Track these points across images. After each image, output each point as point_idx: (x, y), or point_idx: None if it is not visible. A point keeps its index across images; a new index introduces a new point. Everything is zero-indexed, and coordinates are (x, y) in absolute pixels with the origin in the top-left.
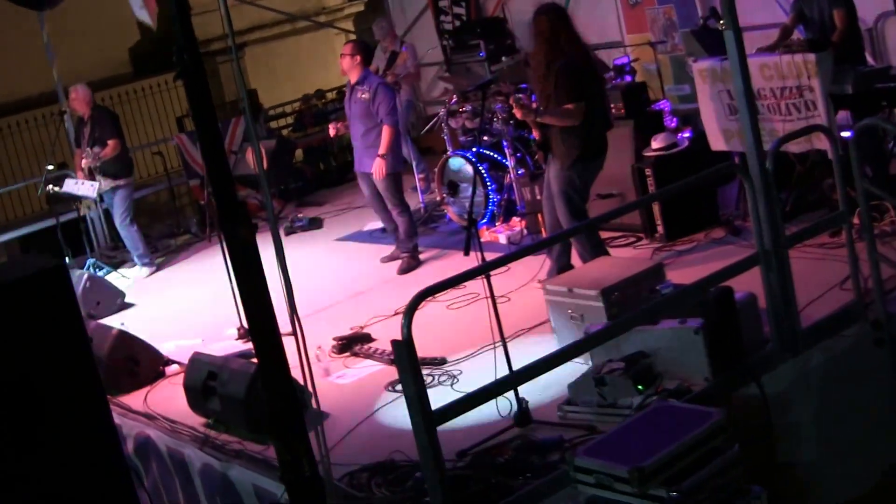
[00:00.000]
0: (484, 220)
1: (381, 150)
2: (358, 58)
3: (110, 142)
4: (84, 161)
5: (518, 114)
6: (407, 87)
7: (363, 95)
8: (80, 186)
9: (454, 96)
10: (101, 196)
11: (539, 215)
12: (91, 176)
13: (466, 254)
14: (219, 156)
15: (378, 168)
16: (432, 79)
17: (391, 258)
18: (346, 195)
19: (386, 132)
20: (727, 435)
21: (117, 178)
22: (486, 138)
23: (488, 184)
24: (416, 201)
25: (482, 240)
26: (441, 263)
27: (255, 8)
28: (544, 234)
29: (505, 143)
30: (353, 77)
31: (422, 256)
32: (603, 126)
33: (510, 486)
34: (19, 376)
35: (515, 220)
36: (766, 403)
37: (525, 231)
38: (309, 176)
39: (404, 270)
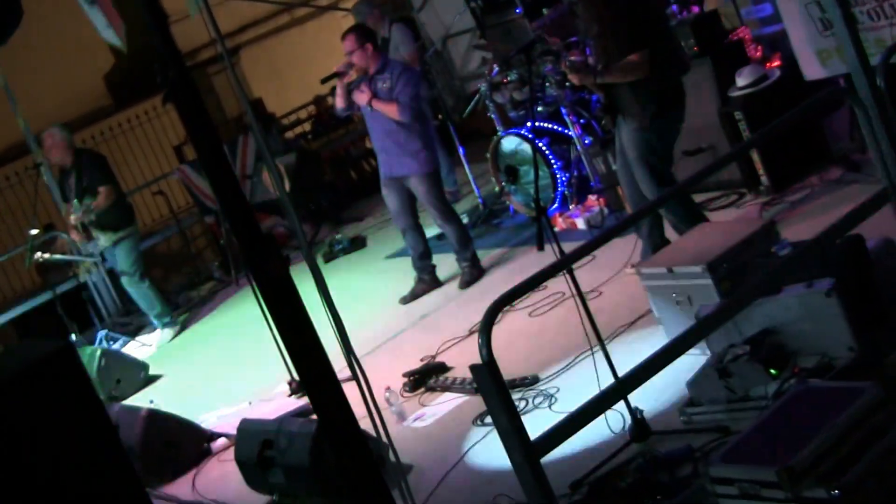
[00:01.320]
0: (555, 206)
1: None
2: (369, 45)
3: (102, 189)
4: (75, 217)
5: (575, 79)
6: None
7: (384, 85)
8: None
9: (494, 66)
10: (102, 254)
11: (618, 189)
12: (87, 233)
13: (541, 248)
14: (231, 184)
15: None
16: (466, 50)
17: (414, 295)
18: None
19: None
20: (887, 410)
21: (118, 230)
22: (540, 109)
23: (552, 162)
24: (470, 199)
25: (557, 228)
26: (512, 266)
27: (244, 3)
28: (628, 210)
29: (564, 111)
30: (373, 67)
31: (488, 260)
32: (677, 71)
33: None
34: (44, 480)
35: (591, 198)
36: None
37: (606, 210)
38: (341, 188)
39: (467, 283)
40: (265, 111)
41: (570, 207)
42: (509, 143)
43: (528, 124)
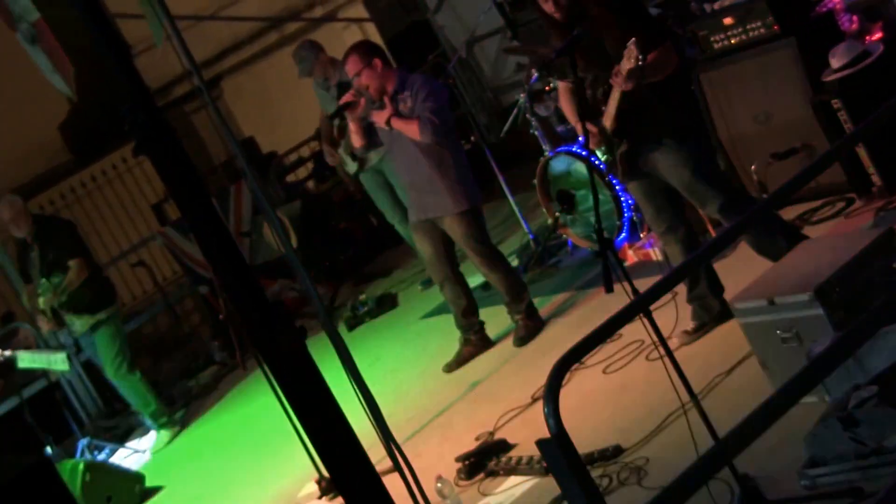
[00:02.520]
0: (622, 235)
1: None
2: (377, 62)
3: (72, 263)
4: (43, 300)
5: (626, 86)
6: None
7: (405, 105)
8: (40, 355)
9: (533, 72)
10: (77, 343)
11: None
12: (57, 319)
13: (609, 290)
14: (225, 245)
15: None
16: (496, 55)
17: (461, 361)
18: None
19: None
20: None
21: (95, 312)
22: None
23: (614, 182)
24: (518, 236)
25: (627, 263)
26: (577, 314)
27: (222, 23)
28: (711, 232)
29: None
30: (390, 86)
31: (546, 309)
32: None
33: None
34: None
35: None
36: None
37: None
38: (359, 238)
39: (524, 339)
40: (259, 152)
41: (641, 235)
42: (559, 163)
43: (581, 139)
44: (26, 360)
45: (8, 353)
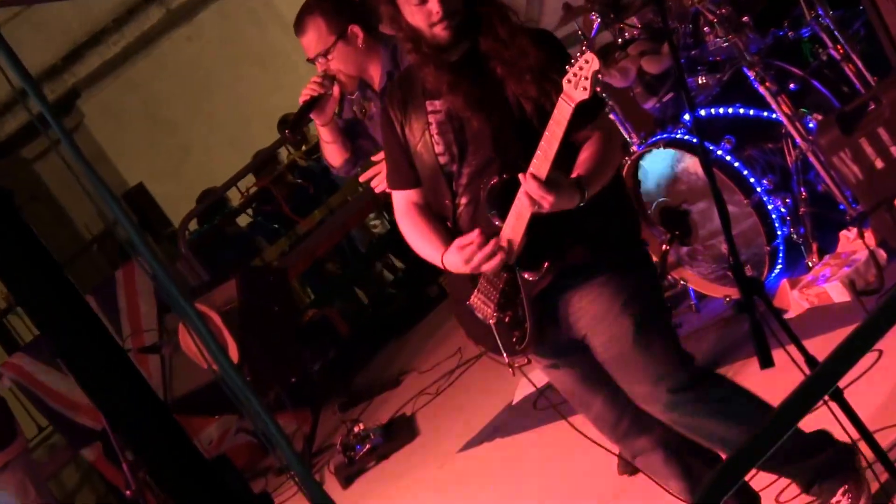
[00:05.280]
0: (776, 268)
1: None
2: (355, 29)
3: None
4: None
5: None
6: None
7: None
8: None
9: (594, 18)
10: None
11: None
12: None
13: (767, 363)
14: (119, 371)
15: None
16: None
17: None
18: (437, 333)
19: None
20: None
21: None
22: (701, 82)
23: (752, 183)
24: None
25: (789, 314)
26: None
27: (72, 5)
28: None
29: (751, 75)
30: (376, 72)
31: None
32: None
33: None
34: None
35: (846, 235)
36: None
37: (879, 253)
38: (343, 330)
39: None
40: (156, 206)
41: (809, 263)
42: (657, 162)
43: (686, 118)
44: None
45: None
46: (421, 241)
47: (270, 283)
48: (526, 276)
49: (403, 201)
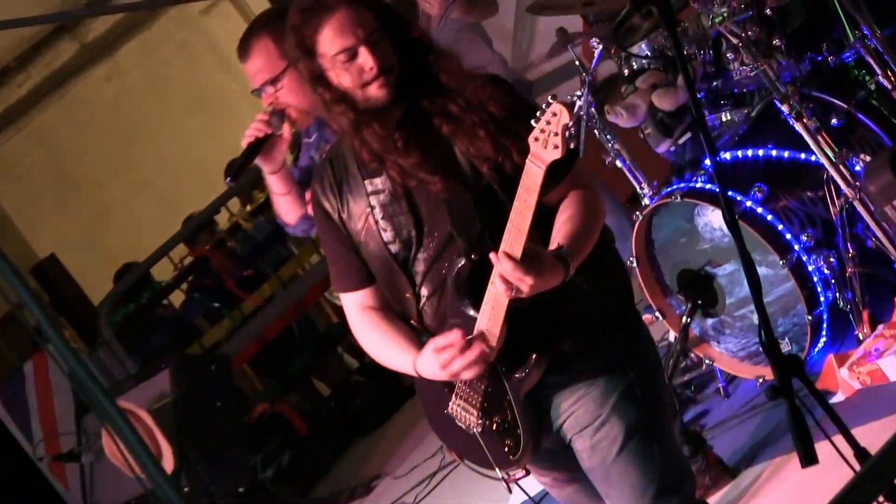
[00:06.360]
0: (820, 342)
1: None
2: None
3: None
4: None
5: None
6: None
7: None
8: None
9: (594, 44)
10: None
11: None
12: None
13: (810, 460)
14: (30, 487)
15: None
16: (520, 15)
17: None
18: (413, 430)
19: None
20: None
21: None
22: (726, 118)
23: (789, 240)
24: None
25: (838, 397)
26: None
27: None
28: None
29: (784, 111)
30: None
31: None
32: None
33: None
34: None
35: None
36: None
37: None
38: (299, 426)
39: None
40: (73, 283)
41: (859, 336)
42: (673, 216)
43: (707, 163)
44: None
45: None
46: (385, 348)
47: (211, 374)
48: (511, 373)
49: (356, 304)
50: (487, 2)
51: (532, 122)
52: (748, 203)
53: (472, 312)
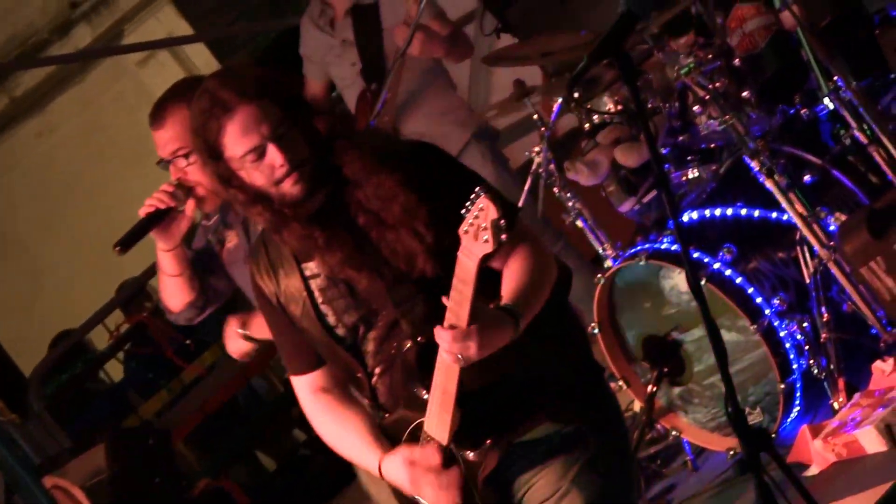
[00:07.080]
0: (792, 412)
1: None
2: None
3: None
4: None
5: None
6: None
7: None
8: None
9: (553, 100)
10: None
11: None
12: None
13: None
14: None
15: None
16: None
17: None
18: None
19: None
20: None
21: None
22: (693, 175)
23: (759, 304)
24: None
25: (808, 471)
26: None
27: None
28: None
29: (752, 166)
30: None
31: None
32: None
33: None
34: None
35: (879, 366)
36: None
37: None
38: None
39: None
40: (3, 356)
41: (834, 406)
42: (637, 279)
43: (669, 224)
44: None
45: None
46: (346, 441)
47: (149, 448)
48: (467, 455)
49: (308, 387)
50: (467, 44)
51: (462, 211)
52: (716, 265)
53: (424, 395)
